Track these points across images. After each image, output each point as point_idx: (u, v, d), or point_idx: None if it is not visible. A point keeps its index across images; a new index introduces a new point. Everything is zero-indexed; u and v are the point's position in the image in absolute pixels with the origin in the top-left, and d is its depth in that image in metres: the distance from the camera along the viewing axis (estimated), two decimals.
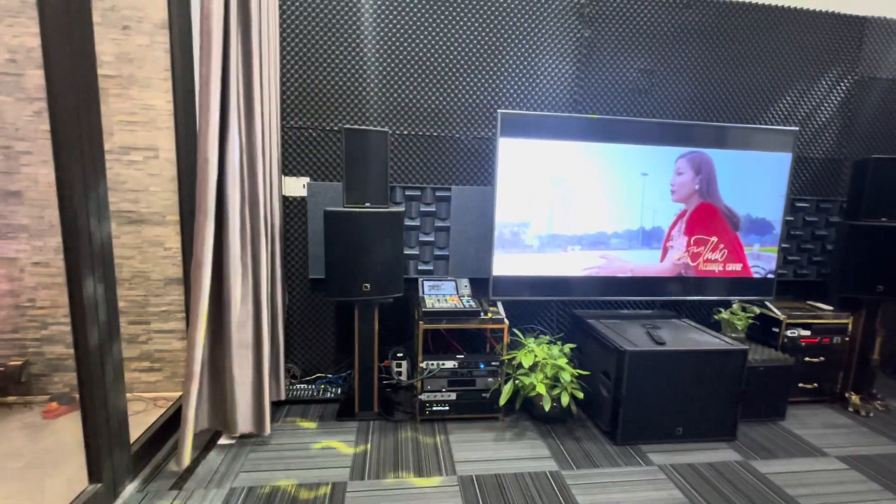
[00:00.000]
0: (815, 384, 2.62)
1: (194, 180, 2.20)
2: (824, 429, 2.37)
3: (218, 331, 1.98)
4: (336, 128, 2.49)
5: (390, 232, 2.17)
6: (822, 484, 1.91)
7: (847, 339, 2.61)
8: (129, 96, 2.28)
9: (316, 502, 1.69)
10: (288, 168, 2.51)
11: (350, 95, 2.48)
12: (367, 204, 2.17)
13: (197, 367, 1.83)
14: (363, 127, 2.17)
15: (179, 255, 2.37)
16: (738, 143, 2.49)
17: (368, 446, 2.06)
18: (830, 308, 2.68)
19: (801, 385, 2.61)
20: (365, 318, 2.27)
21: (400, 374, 2.59)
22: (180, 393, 2.36)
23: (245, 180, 1.98)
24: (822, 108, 2.85)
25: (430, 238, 2.61)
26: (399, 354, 2.63)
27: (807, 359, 2.58)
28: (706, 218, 2.51)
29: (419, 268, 2.63)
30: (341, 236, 2.10)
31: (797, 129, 2.52)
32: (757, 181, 2.54)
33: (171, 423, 2.10)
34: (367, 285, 2.15)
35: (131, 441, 1.80)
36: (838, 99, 2.85)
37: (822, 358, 2.60)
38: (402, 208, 2.29)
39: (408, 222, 2.58)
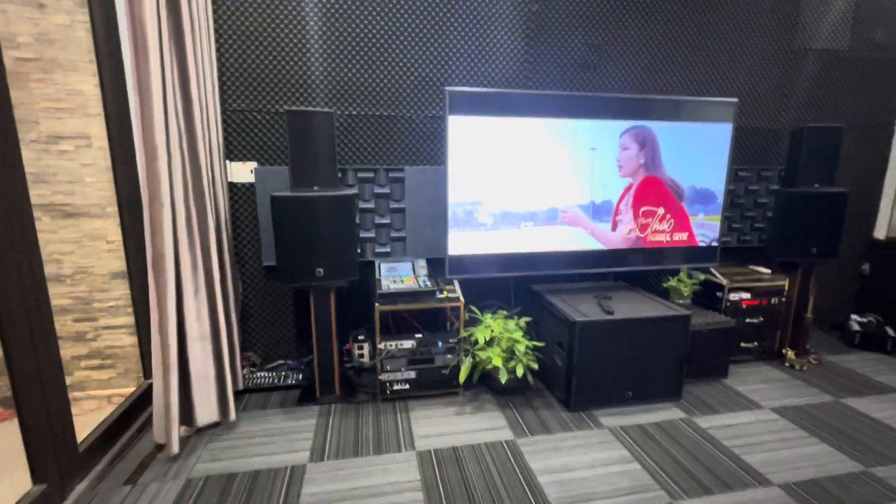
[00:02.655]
0: (756, 343, 2.80)
1: (132, 169, 2.12)
2: (762, 384, 2.54)
3: (177, 323, 1.94)
4: (281, 110, 2.42)
5: (342, 215, 2.15)
6: (756, 434, 2.06)
7: (784, 299, 2.78)
8: (53, 81, 2.14)
9: (274, 486, 1.71)
10: (233, 153, 2.43)
11: (294, 76, 2.40)
12: (316, 188, 2.14)
13: (174, 358, 1.81)
14: (307, 108, 2.12)
15: (122, 248, 2.29)
16: (681, 116, 2.55)
17: (329, 428, 2.08)
18: (769, 271, 2.83)
19: (742, 345, 2.78)
20: (321, 303, 2.26)
21: (362, 356, 2.61)
22: (133, 389, 2.31)
23: (187, 167, 1.92)
24: (762, 79, 2.95)
25: (386, 220, 2.60)
26: (360, 337, 2.64)
27: (748, 320, 2.74)
28: (652, 190, 2.59)
29: (376, 250, 2.62)
30: (290, 222, 2.06)
31: (737, 100, 2.60)
32: (700, 153, 2.62)
33: (125, 419, 2.06)
34: (321, 270, 2.14)
35: (80, 440, 1.76)
36: (777, 70, 2.95)
37: (761, 318, 2.77)
38: (354, 191, 2.26)
39: (362, 205, 2.56)
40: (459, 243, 2.42)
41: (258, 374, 2.51)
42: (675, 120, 2.55)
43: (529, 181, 2.44)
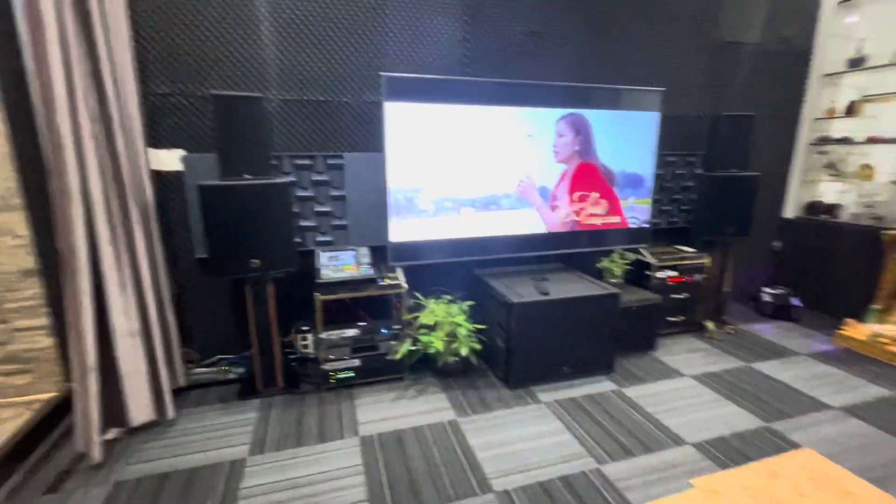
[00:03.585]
0: (682, 317, 3.03)
1: (36, 157, 1.96)
2: (685, 354, 2.76)
3: (99, 322, 1.83)
4: (208, 94, 2.30)
5: (276, 204, 2.09)
6: (676, 400, 2.25)
7: (705, 275, 3.02)
8: None
9: (213, 482, 1.68)
10: (158, 140, 2.29)
11: (225, 59, 2.28)
12: (247, 176, 2.07)
13: (91, 361, 1.72)
14: (234, 93, 2.03)
15: (33, 243, 2.11)
16: (613, 104, 2.67)
17: (270, 421, 2.06)
18: (693, 250, 3.06)
19: (669, 319, 3.00)
20: (258, 294, 2.20)
21: (306, 347, 2.58)
22: (55, 394, 2.17)
23: (105, 156, 1.79)
24: (687, 69, 3.12)
25: (327, 208, 2.56)
26: (304, 328, 2.60)
27: (673, 295, 2.96)
28: (587, 176, 2.70)
29: (317, 239, 2.58)
30: (220, 212, 1.99)
31: (664, 89, 2.76)
32: (630, 139, 2.76)
33: (45, 425, 1.94)
34: (256, 261, 2.09)
35: None
36: (699, 61, 3.13)
37: (686, 294, 2.99)
38: (289, 179, 2.21)
39: (300, 193, 2.50)
40: (401, 230, 2.43)
41: (197, 371, 2.43)
42: (608, 108, 2.67)
43: (469, 167, 2.48)
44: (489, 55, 2.68)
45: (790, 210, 3.68)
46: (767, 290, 3.47)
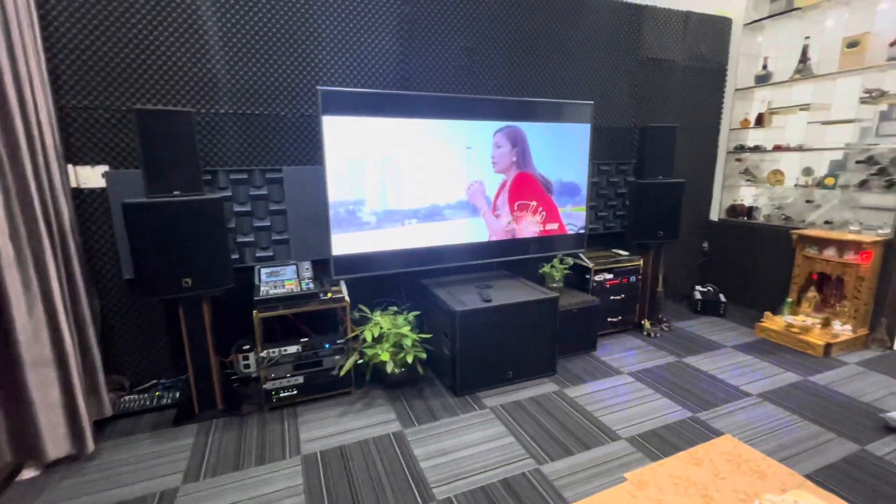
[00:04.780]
0: (620, 317, 3.18)
1: None
2: (623, 352, 2.90)
3: (4, 351, 1.70)
4: (133, 108, 2.20)
5: (208, 221, 2.03)
6: (613, 397, 2.36)
7: (640, 277, 3.20)
8: None
9: None
10: (79, 156, 2.17)
11: (154, 72, 2.21)
12: (177, 192, 2.00)
13: None
14: (160, 107, 1.96)
15: None
16: (546, 116, 2.80)
17: (208, 446, 1.98)
18: (627, 253, 3.23)
19: (609, 319, 3.15)
20: (192, 314, 2.12)
21: (248, 366, 2.50)
22: None
23: (7, 174, 1.68)
24: (617, 83, 3.33)
25: (266, 223, 2.51)
26: (245, 347, 2.53)
27: (612, 297, 3.11)
28: (525, 185, 2.81)
29: (257, 255, 2.52)
30: (147, 231, 1.91)
31: (592, 102, 2.92)
32: (565, 150, 2.90)
33: None
34: (188, 280, 2.01)
35: None
36: (627, 75, 3.35)
37: (623, 295, 3.15)
38: (222, 194, 2.15)
39: (238, 208, 2.44)
40: (344, 243, 2.42)
41: (127, 398, 2.29)
42: (542, 120, 2.79)
43: (410, 180, 2.51)
44: (427, 70, 2.75)
45: (715, 213, 3.97)
46: (699, 287, 3.72)
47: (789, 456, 1.89)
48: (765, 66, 3.56)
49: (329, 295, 2.30)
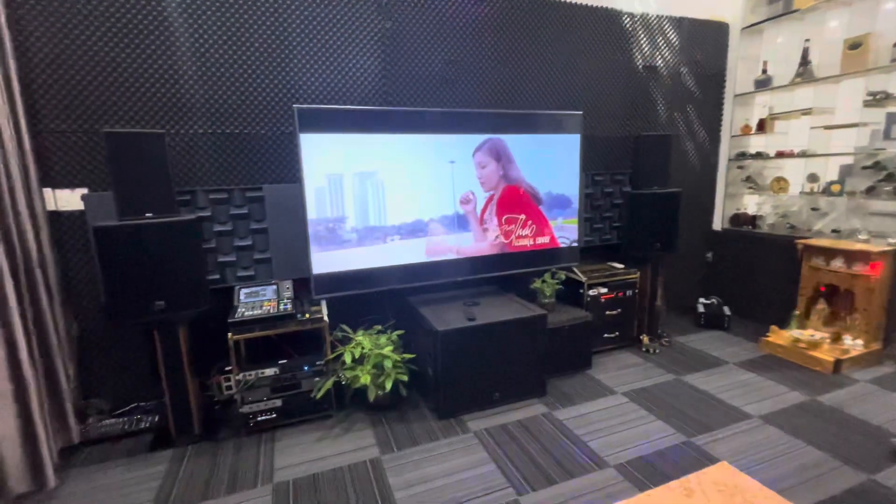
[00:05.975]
0: (617, 333, 3.07)
1: None
2: (619, 370, 2.78)
3: None
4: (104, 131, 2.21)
5: (182, 242, 2.01)
6: (604, 419, 2.25)
7: (637, 291, 3.08)
8: None
9: None
10: (57, 179, 2.17)
11: (132, 94, 2.21)
12: (149, 214, 1.98)
13: None
14: (130, 130, 1.95)
15: None
16: (534, 128, 2.73)
17: (180, 473, 1.93)
18: (623, 266, 3.12)
19: (606, 336, 3.03)
20: (167, 337, 2.09)
21: (230, 388, 2.45)
22: None
23: None
24: (610, 92, 3.25)
25: (248, 242, 2.48)
26: (227, 368, 2.48)
27: (607, 312, 3.00)
28: (513, 198, 2.74)
29: (238, 274, 2.48)
30: (118, 254, 1.88)
31: (581, 112, 2.85)
32: (554, 161, 2.82)
33: None
34: (161, 303, 1.98)
35: None
36: (619, 84, 3.27)
37: (619, 310, 3.04)
38: (194, 215, 2.13)
39: (218, 227, 2.41)
40: (324, 261, 2.38)
41: (105, 423, 2.26)
42: (530, 132, 2.72)
43: (392, 195, 2.46)
44: (410, 84, 2.71)
45: (718, 222, 3.84)
46: (703, 300, 3.58)
47: (790, 486, 1.75)
48: (764, 71, 3.45)
49: (307, 316, 2.25)
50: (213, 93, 2.35)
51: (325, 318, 2.28)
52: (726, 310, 3.44)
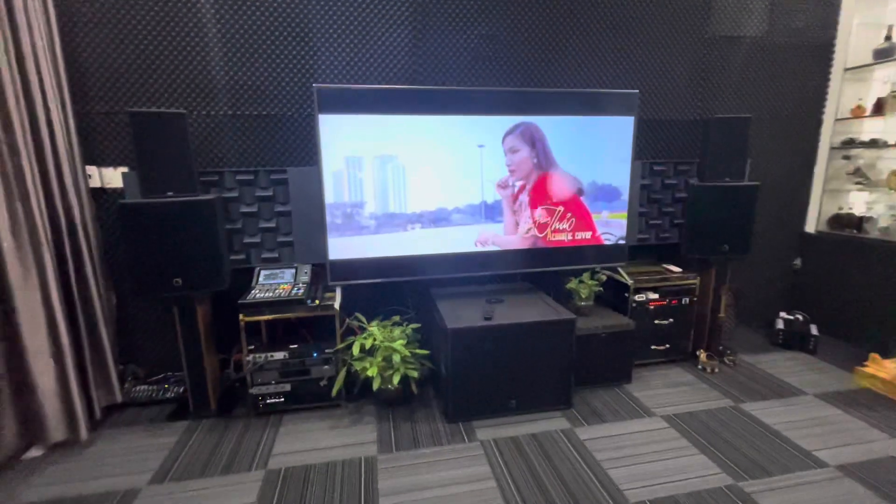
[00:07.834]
0: (667, 345, 2.68)
1: None
2: (665, 388, 2.43)
3: (10, 340, 1.84)
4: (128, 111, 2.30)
5: (202, 222, 2.04)
6: (634, 445, 1.95)
7: (695, 299, 2.66)
8: None
9: None
10: (102, 158, 2.31)
11: (166, 77, 2.28)
12: (171, 193, 2.03)
13: None
14: (152, 109, 2.00)
15: None
16: (578, 109, 2.43)
17: (187, 447, 1.98)
18: (679, 270, 2.71)
19: (654, 347, 2.66)
20: (186, 314, 2.15)
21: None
22: None
23: (9, 173, 1.80)
24: (675, 68, 2.81)
25: (272, 224, 2.49)
26: (251, 347, 2.53)
27: (656, 321, 2.63)
28: (549, 188, 2.46)
29: (263, 256, 2.50)
30: (141, 230, 1.96)
31: (637, 91, 2.48)
32: (601, 147, 2.49)
33: None
34: (179, 280, 2.03)
35: None
36: (690, 59, 2.81)
37: (671, 319, 2.65)
38: (233, 194, 2.17)
39: (244, 209, 2.44)
40: (341, 247, 2.31)
41: (139, 388, 2.40)
42: (573, 114, 2.42)
43: (414, 181, 2.32)
44: (442, 62, 2.53)
45: (812, 223, 3.22)
46: (784, 315, 3.03)
47: None
48: (888, 38, 2.78)
49: (317, 302, 2.20)
50: (246, 74, 2.35)
51: (337, 305, 2.21)
52: (813, 328, 2.88)
